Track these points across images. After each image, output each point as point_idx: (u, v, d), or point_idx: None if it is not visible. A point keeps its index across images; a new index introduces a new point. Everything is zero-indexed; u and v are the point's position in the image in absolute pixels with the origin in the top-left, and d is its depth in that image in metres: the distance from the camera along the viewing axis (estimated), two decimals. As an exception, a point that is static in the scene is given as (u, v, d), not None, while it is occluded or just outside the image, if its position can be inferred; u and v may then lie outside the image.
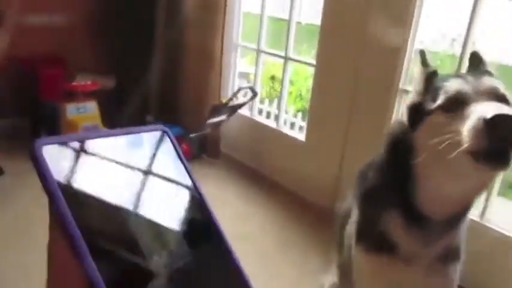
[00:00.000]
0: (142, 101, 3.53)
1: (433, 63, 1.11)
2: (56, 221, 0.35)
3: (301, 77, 4.65)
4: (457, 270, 1.14)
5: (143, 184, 0.41)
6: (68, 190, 0.35)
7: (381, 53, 2.29)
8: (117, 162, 0.41)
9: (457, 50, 2.05)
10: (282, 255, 2.23)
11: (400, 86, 2.25)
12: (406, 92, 2.14)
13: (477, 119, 0.85)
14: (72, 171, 0.37)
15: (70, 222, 0.34)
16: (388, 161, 1.09)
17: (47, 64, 3.31)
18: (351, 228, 1.21)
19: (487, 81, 0.96)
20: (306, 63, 2.99)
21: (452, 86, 0.96)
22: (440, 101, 0.96)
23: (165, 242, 0.40)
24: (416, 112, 1.03)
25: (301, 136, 2.91)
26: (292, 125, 4.02)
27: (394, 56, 2.23)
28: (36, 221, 2.17)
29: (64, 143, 0.38)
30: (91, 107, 3.17)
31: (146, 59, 3.49)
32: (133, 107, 3.49)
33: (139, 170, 0.42)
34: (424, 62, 1.09)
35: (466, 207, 1.07)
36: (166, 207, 0.42)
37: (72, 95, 3.14)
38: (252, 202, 2.75)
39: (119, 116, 3.26)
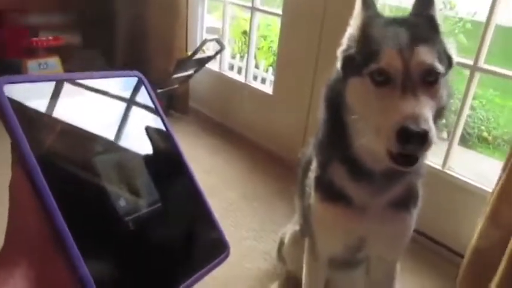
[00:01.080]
0: (109, 57, 3.44)
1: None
2: (18, 160, 0.33)
3: (273, 32, 4.58)
4: (413, 217, 1.14)
5: (114, 128, 0.40)
6: (33, 130, 0.34)
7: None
8: (88, 105, 0.39)
9: None
10: (247, 206, 2.24)
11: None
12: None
13: (393, 125, 0.86)
14: (39, 111, 0.35)
15: (32, 163, 0.33)
16: (326, 113, 1.06)
17: (9, 20, 3.18)
18: (311, 176, 1.20)
19: (421, 55, 0.90)
20: (272, 13, 2.93)
21: (385, 56, 0.90)
22: (370, 69, 0.92)
23: (134, 187, 0.39)
24: (349, 64, 0.99)
25: (269, 90, 2.88)
26: (264, 80, 3.98)
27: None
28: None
29: (32, 83, 0.36)
30: (53, 63, 3.08)
31: (110, 14, 3.37)
32: (99, 63, 3.40)
33: (110, 114, 0.40)
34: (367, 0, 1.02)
35: None
36: (137, 151, 0.41)
37: (34, 51, 3.04)
38: (219, 156, 2.75)
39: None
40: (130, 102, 0.43)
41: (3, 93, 0.33)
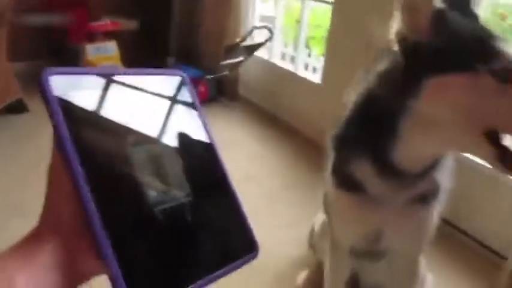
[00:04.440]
0: (163, 42, 3.52)
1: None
2: (58, 147, 0.35)
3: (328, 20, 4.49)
4: (433, 211, 1.09)
5: (153, 123, 0.41)
6: (73, 119, 0.35)
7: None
8: (129, 100, 0.40)
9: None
10: (286, 196, 2.23)
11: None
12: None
13: None
14: (81, 102, 0.36)
15: (69, 149, 0.34)
16: (362, 116, 1.01)
17: (72, 7, 3.33)
18: (329, 164, 1.18)
19: None
20: (323, 1, 2.88)
21: (506, 54, 0.82)
22: (493, 66, 0.82)
23: (166, 179, 0.40)
24: (418, 55, 0.87)
25: (318, 79, 2.84)
26: (315, 69, 3.92)
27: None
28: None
29: (78, 76, 0.37)
30: (111, 48, 3.19)
31: (167, 1, 3.45)
32: (155, 48, 3.49)
33: (150, 110, 0.41)
34: None
35: (438, 159, 1.02)
36: (173, 147, 0.42)
37: (93, 36, 3.17)
38: (265, 144, 2.75)
39: (140, 57, 3.27)
40: (173, 100, 0.43)
41: (48, 83, 0.35)
